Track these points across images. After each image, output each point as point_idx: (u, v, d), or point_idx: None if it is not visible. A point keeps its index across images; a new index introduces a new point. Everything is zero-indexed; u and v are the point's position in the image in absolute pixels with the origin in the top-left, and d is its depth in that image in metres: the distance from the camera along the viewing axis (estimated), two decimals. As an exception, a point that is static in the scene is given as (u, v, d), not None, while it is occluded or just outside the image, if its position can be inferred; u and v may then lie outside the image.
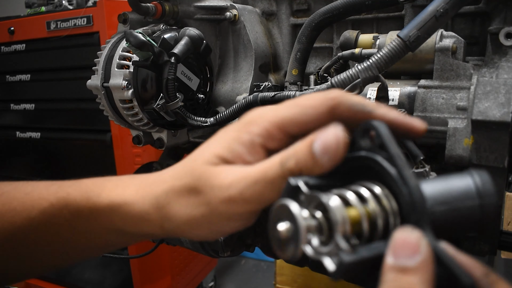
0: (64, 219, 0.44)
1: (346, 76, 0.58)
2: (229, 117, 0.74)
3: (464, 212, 0.31)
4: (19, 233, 0.45)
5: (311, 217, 0.30)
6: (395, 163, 0.30)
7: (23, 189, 0.49)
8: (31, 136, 1.90)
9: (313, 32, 0.81)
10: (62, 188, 0.47)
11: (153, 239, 0.91)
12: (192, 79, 0.82)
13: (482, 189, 0.30)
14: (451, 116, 0.61)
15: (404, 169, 0.30)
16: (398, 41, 0.55)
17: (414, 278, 0.26)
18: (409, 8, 0.81)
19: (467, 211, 0.31)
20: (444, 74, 0.63)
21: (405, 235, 0.28)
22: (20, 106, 1.91)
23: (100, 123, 1.69)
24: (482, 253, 0.64)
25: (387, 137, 0.32)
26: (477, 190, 0.31)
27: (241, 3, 0.95)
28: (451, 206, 0.31)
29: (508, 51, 0.61)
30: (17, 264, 0.49)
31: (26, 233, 0.45)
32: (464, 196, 0.31)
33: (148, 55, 0.70)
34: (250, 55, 0.91)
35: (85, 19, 1.61)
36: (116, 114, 0.84)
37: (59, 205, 0.45)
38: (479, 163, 0.59)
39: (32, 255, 0.48)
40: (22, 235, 0.46)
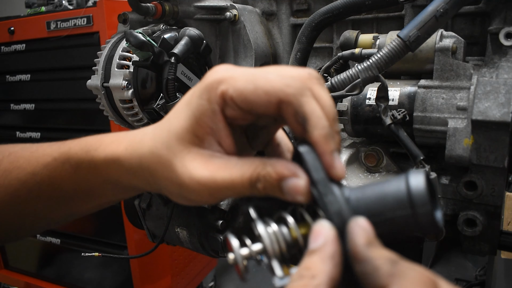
0: (65, 172, 0.48)
1: (346, 76, 0.58)
2: (229, 117, 0.74)
3: (398, 221, 0.31)
4: (24, 189, 0.49)
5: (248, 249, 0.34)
6: (318, 189, 0.32)
7: (29, 148, 0.53)
8: (31, 136, 1.90)
9: (313, 32, 0.81)
10: (65, 144, 0.50)
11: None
12: (192, 79, 0.82)
13: (414, 197, 0.30)
14: (451, 116, 0.61)
15: (325, 196, 0.32)
16: (398, 41, 0.55)
17: (315, 257, 0.30)
18: (409, 8, 0.81)
19: (401, 220, 0.30)
20: (444, 74, 0.63)
21: (316, 228, 0.32)
22: (20, 106, 1.91)
23: (100, 123, 1.69)
24: (482, 253, 0.64)
25: (311, 164, 0.33)
26: (409, 198, 0.30)
27: (241, 3, 0.95)
28: (384, 217, 0.31)
29: (508, 51, 0.61)
30: (22, 220, 0.53)
31: (30, 188, 0.49)
32: (396, 206, 0.30)
33: (148, 55, 0.70)
34: (250, 55, 0.91)
35: (85, 19, 1.61)
36: (116, 114, 0.84)
37: (61, 158, 0.48)
38: (479, 163, 0.59)
39: (36, 210, 0.52)
40: (26, 191, 0.49)
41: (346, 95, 0.58)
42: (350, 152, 0.72)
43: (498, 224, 0.61)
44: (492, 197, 0.60)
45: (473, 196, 0.60)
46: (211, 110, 0.38)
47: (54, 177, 0.49)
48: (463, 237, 0.64)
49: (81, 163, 0.47)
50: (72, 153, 0.48)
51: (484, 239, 0.62)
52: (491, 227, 0.61)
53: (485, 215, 0.61)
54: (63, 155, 0.49)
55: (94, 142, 0.48)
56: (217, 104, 0.38)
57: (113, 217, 1.72)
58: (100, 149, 0.46)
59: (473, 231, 0.61)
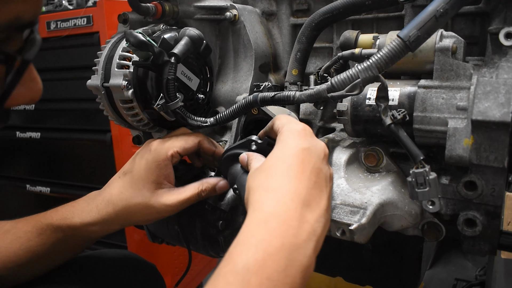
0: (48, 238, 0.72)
1: (346, 76, 0.58)
2: (229, 117, 0.74)
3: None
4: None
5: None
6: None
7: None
8: (31, 136, 1.90)
9: (313, 32, 0.81)
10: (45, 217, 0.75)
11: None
12: (192, 79, 0.82)
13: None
14: (451, 116, 0.61)
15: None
16: (398, 41, 0.55)
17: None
18: (409, 8, 0.81)
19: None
20: (444, 74, 0.63)
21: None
22: (20, 106, 1.91)
23: (100, 123, 1.69)
24: (482, 253, 0.64)
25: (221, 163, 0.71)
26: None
27: (241, 3, 0.95)
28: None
29: (508, 51, 0.61)
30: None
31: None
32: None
33: (148, 55, 0.70)
34: (250, 55, 0.91)
35: (85, 19, 1.61)
36: (116, 114, 0.84)
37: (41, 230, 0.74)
38: (479, 163, 0.59)
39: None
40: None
41: (346, 95, 0.58)
42: (350, 152, 0.72)
43: (498, 224, 0.61)
44: (492, 197, 0.60)
45: (473, 196, 0.60)
46: (165, 165, 0.70)
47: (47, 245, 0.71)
48: (463, 237, 0.64)
49: (59, 229, 0.71)
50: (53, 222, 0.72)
51: (484, 239, 0.62)
52: (491, 227, 0.61)
53: (485, 215, 0.61)
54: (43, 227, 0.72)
55: (68, 212, 0.73)
56: (168, 161, 0.70)
57: (113, 217, 1.72)
58: (75, 217, 0.71)
59: (473, 231, 0.61)
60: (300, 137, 0.55)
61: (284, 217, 0.46)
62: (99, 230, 0.71)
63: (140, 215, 0.69)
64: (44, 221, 0.72)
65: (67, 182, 1.89)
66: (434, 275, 2.11)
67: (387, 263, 0.99)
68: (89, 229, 0.70)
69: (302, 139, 0.54)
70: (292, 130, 0.56)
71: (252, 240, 0.45)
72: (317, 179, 0.52)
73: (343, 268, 1.05)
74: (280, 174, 0.51)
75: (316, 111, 0.88)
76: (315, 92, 0.61)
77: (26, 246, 0.69)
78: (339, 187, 0.68)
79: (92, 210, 0.71)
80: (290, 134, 0.55)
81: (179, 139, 0.72)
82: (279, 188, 0.49)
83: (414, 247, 0.95)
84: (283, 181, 0.50)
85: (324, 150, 0.56)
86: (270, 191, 0.49)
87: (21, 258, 0.69)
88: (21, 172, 2.08)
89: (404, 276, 0.98)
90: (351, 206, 0.64)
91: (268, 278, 0.41)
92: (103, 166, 1.76)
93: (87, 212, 0.71)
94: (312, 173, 0.52)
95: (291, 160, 0.52)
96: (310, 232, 0.47)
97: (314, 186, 0.51)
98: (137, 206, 0.69)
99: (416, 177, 0.57)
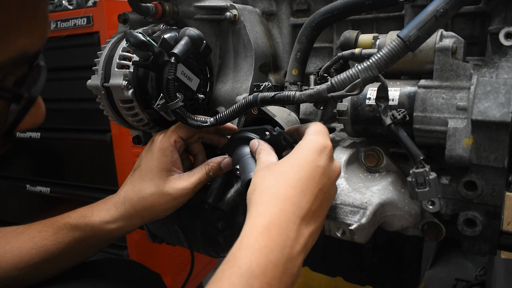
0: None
1: (346, 76, 0.58)
2: (229, 117, 0.74)
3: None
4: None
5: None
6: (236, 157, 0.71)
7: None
8: (31, 136, 1.90)
9: (313, 32, 0.81)
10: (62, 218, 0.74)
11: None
12: (192, 79, 0.82)
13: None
14: (451, 116, 0.61)
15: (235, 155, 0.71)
16: (398, 41, 0.55)
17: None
18: (409, 8, 0.81)
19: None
20: (444, 74, 0.63)
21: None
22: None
23: (100, 123, 1.69)
24: (482, 253, 0.64)
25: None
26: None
27: (241, 3, 0.95)
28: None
29: (508, 51, 0.61)
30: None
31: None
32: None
33: (148, 55, 0.70)
34: (250, 55, 0.91)
35: (85, 19, 1.61)
36: (116, 114, 0.84)
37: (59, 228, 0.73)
38: (479, 163, 0.59)
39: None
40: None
41: (346, 95, 0.58)
42: (350, 152, 0.72)
43: (498, 224, 0.61)
44: (492, 197, 0.60)
45: (473, 196, 0.60)
46: (170, 151, 0.72)
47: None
48: (463, 237, 0.64)
49: (77, 228, 0.71)
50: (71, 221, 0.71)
51: (484, 239, 0.62)
52: (491, 227, 0.61)
53: (485, 215, 0.61)
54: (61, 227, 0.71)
55: (87, 211, 0.73)
56: (173, 147, 0.72)
57: (113, 217, 1.72)
58: (94, 216, 0.71)
59: (473, 231, 0.61)
60: (320, 154, 0.55)
61: (285, 227, 0.49)
62: (119, 228, 0.71)
63: (157, 205, 0.70)
64: (61, 220, 0.72)
65: (67, 182, 1.89)
66: (434, 275, 2.11)
67: (387, 263, 0.99)
68: (109, 227, 0.71)
69: (321, 156, 0.55)
70: (315, 143, 0.56)
71: (256, 245, 0.47)
72: (323, 199, 0.54)
73: (343, 268, 1.05)
74: (290, 184, 0.52)
75: (316, 111, 0.88)
76: (315, 92, 0.61)
77: (40, 245, 0.68)
78: (339, 187, 0.68)
79: (110, 209, 0.71)
80: (311, 147, 0.56)
81: (179, 126, 0.74)
82: (286, 198, 0.51)
83: (414, 247, 0.95)
84: (291, 192, 0.51)
85: (338, 173, 0.58)
86: (277, 199, 0.51)
87: (33, 258, 0.68)
88: (21, 172, 2.08)
89: (404, 276, 0.98)
90: (351, 206, 0.64)
91: (268, 283, 0.44)
92: (103, 166, 1.76)
93: (105, 211, 0.71)
94: (320, 192, 0.53)
95: (304, 174, 0.53)
96: (303, 245, 0.50)
97: (317, 204, 0.53)
98: (153, 196, 0.69)
99: (416, 177, 0.57)
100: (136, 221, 0.72)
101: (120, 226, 0.71)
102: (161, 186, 0.69)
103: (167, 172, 0.71)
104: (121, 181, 1.69)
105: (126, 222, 0.71)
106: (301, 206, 0.51)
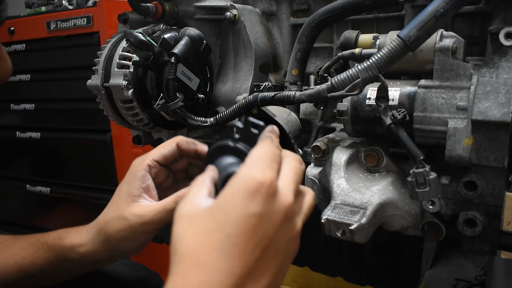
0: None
1: (346, 76, 0.58)
2: (229, 117, 0.74)
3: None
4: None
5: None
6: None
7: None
8: (31, 136, 1.90)
9: (313, 32, 0.81)
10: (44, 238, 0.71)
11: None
12: (192, 79, 0.82)
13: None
14: (451, 116, 0.61)
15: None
16: (398, 41, 0.55)
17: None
18: (409, 8, 0.81)
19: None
20: (444, 74, 0.63)
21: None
22: (20, 106, 1.91)
23: (100, 123, 1.69)
24: (482, 253, 0.64)
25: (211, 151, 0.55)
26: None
27: (241, 3, 0.95)
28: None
29: (508, 51, 0.61)
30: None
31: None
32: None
33: (148, 55, 0.70)
34: (250, 55, 0.91)
35: (85, 19, 1.61)
36: (116, 114, 0.84)
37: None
38: (479, 163, 0.59)
39: None
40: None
41: (346, 95, 0.58)
42: (350, 152, 0.72)
43: (498, 224, 0.61)
44: (492, 197, 0.60)
45: (473, 196, 0.60)
46: (141, 175, 0.63)
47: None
48: (463, 237, 0.64)
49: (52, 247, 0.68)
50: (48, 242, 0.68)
51: (484, 239, 0.62)
52: (491, 227, 0.61)
53: (485, 215, 0.61)
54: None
55: (64, 232, 0.69)
56: (145, 171, 0.63)
57: (113, 217, 1.72)
58: (67, 238, 0.67)
59: (473, 231, 0.61)
60: (253, 197, 0.42)
61: None
62: (89, 253, 0.65)
63: (116, 231, 0.62)
64: (41, 239, 0.69)
65: (67, 182, 1.89)
66: (434, 275, 2.11)
67: (387, 263, 0.99)
68: (78, 250, 0.66)
69: (254, 200, 0.42)
70: (245, 182, 0.42)
71: None
72: (263, 253, 0.42)
73: (343, 268, 1.05)
74: (214, 246, 0.41)
75: (316, 111, 0.88)
76: (315, 92, 0.61)
77: (20, 263, 0.67)
78: (339, 187, 0.68)
79: (82, 232, 0.67)
80: (241, 189, 0.42)
81: (156, 148, 0.65)
82: (208, 266, 0.40)
83: (414, 247, 0.95)
84: (215, 257, 0.41)
85: (284, 214, 0.44)
86: (197, 268, 0.41)
87: (13, 276, 0.67)
88: (21, 172, 2.08)
89: (404, 276, 0.98)
90: (351, 206, 0.64)
91: None
92: (103, 166, 1.76)
93: (78, 233, 0.67)
94: (257, 247, 0.42)
95: (232, 230, 0.41)
96: None
97: (257, 262, 0.42)
98: (113, 221, 0.62)
99: (416, 177, 0.57)
100: (105, 248, 0.64)
101: (89, 251, 0.65)
102: (122, 210, 0.62)
103: (133, 197, 0.62)
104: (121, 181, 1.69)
105: (94, 247, 0.65)
106: (231, 271, 0.40)
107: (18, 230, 2.14)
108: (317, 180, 0.75)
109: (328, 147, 0.76)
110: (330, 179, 0.70)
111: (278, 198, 0.44)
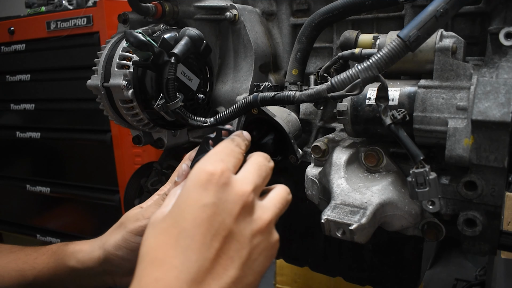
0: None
1: (346, 76, 0.58)
2: (229, 117, 0.74)
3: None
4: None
5: None
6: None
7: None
8: (31, 136, 1.90)
9: (313, 32, 0.81)
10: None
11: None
12: (192, 79, 0.82)
13: None
14: (451, 116, 0.61)
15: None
16: (398, 41, 0.55)
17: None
18: (409, 8, 0.81)
19: None
20: (444, 74, 0.63)
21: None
22: (20, 106, 1.91)
23: (100, 123, 1.69)
24: (482, 253, 0.64)
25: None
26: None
27: (241, 3, 0.95)
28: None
29: (508, 51, 0.61)
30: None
31: None
32: None
33: (148, 55, 0.70)
34: (250, 55, 0.91)
35: (85, 19, 1.61)
36: (116, 114, 0.84)
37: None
38: (479, 163, 0.59)
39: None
40: None
41: (346, 95, 0.58)
42: (350, 152, 0.72)
43: (498, 224, 0.61)
44: (492, 197, 0.60)
45: (473, 196, 0.60)
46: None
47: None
48: (463, 237, 0.64)
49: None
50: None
51: (484, 239, 0.62)
52: (491, 227, 0.61)
53: (485, 215, 0.61)
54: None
55: (71, 243, 0.68)
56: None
57: (113, 217, 1.73)
58: (70, 245, 0.68)
59: (473, 231, 0.61)
60: (205, 188, 0.42)
61: None
62: (85, 260, 0.65)
63: (112, 237, 0.64)
64: (50, 246, 0.70)
65: (67, 182, 1.89)
66: (434, 275, 2.11)
67: (387, 263, 0.98)
68: (76, 256, 0.66)
69: (206, 190, 0.41)
70: (196, 175, 0.43)
71: None
72: (223, 245, 0.41)
73: (343, 268, 1.05)
74: (169, 243, 0.41)
75: (316, 111, 0.88)
76: (315, 92, 0.61)
77: (20, 268, 0.68)
78: (339, 187, 0.68)
79: (89, 241, 0.68)
80: (194, 182, 0.42)
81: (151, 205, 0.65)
82: (163, 263, 0.40)
83: (414, 247, 0.95)
84: (171, 253, 0.40)
85: (242, 203, 0.43)
86: (153, 266, 0.40)
87: (12, 280, 0.68)
88: (21, 172, 2.08)
89: (404, 276, 0.98)
90: (351, 206, 0.64)
91: None
92: (103, 166, 1.76)
93: (84, 242, 0.67)
94: (215, 239, 0.40)
95: (186, 224, 0.41)
96: None
97: (217, 255, 0.40)
98: (114, 229, 0.65)
99: (416, 177, 0.57)
100: (99, 255, 0.64)
101: (86, 257, 0.65)
102: (122, 219, 0.64)
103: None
104: (121, 181, 1.69)
105: (91, 253, 0.64)
106: (187, 266, 0.39)
107: (18, 230, 2.14)
108: (317, 180, 0.75)
109: (328, 147, 0.76)
110: (330, 179, 0.70)
111: (232, 187, 0.43)
